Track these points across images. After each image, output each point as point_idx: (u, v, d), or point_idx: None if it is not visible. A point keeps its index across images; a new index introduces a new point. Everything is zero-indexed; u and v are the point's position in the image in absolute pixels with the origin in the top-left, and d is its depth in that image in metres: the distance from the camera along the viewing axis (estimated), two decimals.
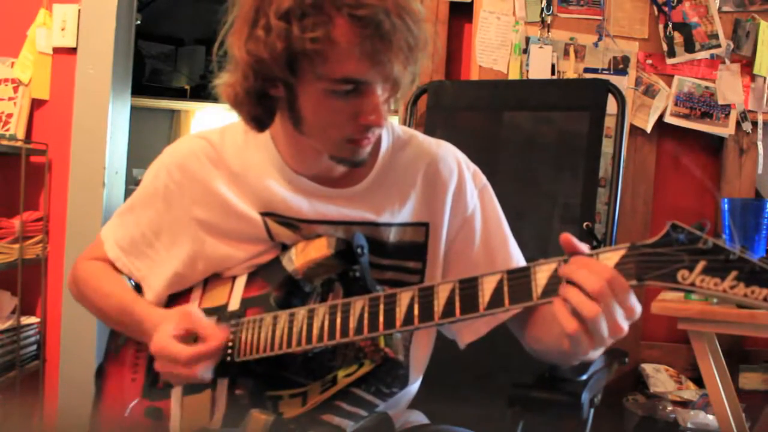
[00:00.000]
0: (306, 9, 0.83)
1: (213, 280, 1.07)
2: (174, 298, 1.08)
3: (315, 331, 0.92)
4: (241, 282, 1.04)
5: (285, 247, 1.03)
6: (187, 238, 1.06)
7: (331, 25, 0.83)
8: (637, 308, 0.77)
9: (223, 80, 0.95)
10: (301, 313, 0.95)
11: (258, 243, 1.04)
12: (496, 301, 0.82)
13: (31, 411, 2.27)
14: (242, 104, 0.94)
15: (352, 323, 0.90)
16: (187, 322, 0.96)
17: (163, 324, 0.96)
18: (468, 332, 1.08)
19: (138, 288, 1.11)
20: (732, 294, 0.70)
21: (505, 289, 0.82)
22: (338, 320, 0.91)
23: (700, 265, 0.72)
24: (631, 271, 0.76)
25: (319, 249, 0.97)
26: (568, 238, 0.80)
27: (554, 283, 0.79)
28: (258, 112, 0.95)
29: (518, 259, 1.09)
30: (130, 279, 1.12)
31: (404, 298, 0.87)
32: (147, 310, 1.04)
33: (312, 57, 0.85)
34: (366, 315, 0.89)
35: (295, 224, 1.02)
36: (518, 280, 0.82)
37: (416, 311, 0.86)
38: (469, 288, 0.84)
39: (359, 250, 0.97)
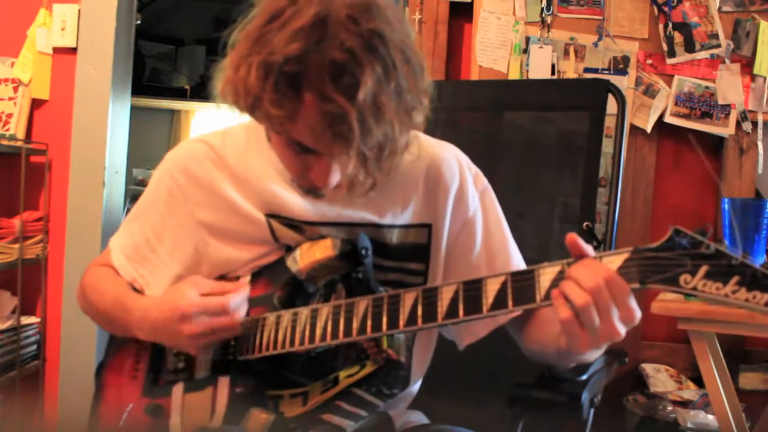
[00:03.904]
0: (282, 76, 0.81)
1: (216, 280, 1.07)
2: None
3: (318, 331, 0.92)
4: (244, 282, 1.04)
5: (289, 248, 1.03)
6: (191, 241, 1.06)
7: (299, 104, 0.81)
8: (636, 313, 0.77)
9: (222, 69, 0.93)
10: (304, 312, 0.95)
11: (262, 244, 1.04)
12: (499, 302, 0.82)
13: (31, 411, 2.27)
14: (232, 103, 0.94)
15: (356, 323, 0.90)
16: (206, 284, 0.98)
17: (185, 288, 0.96)
18: (467, 335, 1.08)
19: None
20: (734, 299, 0.71)
21: (509, 290, 0.82)
22: (342, 320, 0.91)
23: (703, 269, 0.72)
24: (634, 275, 0.76)
25: (323, 250, 0.97)
26: (573, 238, 0.80)
27: (557, 286, 0.79)
28: None
29: (518, 262, 1.09)
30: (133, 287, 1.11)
31: (408, 298, 0.88)
32: (138, 299, 1.04)
33: (272, 121, 0.85)
34: (369, 315, 0.89)
35: (298, 226, 1.03)
36: (522, 282, 0.82)
37: (420, 312, 0.86)
38: (473, 289, 0.84)
39: (364, 252, 0.97)
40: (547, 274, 0.81)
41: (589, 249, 0.81)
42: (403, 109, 0.85)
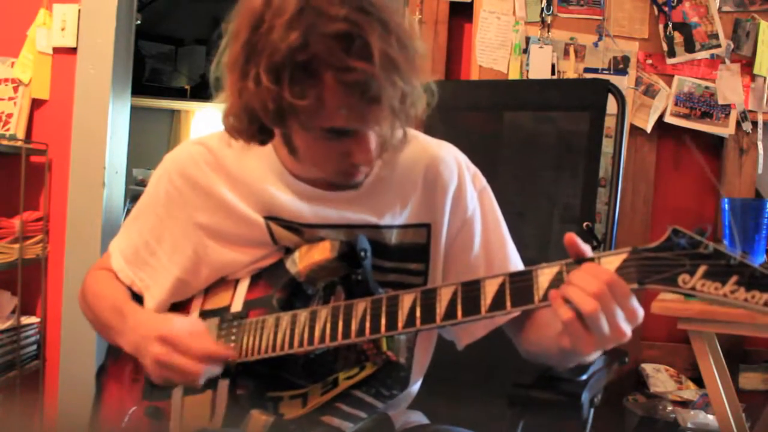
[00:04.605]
0: (295, 68, 0.81)
1: (216, 282, 1.07)
2: (176, 303, 1.08)
3: (317, 333, 0.92)
4: (244, 284, 1.04)
5: (288, 251, 1.03)
6: (189, 244, 1.06)
7: (321, 87, 0.82)
8: (639, 312, 0.77)
9: (221, 109, 0.95)
10: (303, 314, 0.95)
11: (261, 247, 1.04)
12: (498, 303, 0.82)
13: (31, 411, 2.27)
14: (241, 133, 0.95)
15: (354, 325, 0.90)
16: (201, 329, 0.97)
17: (178, 318, 0.96)
18: (465, 335, 1.08)
19: (140, 300, 1.09)
20: (732, 298, 0.71)
21: (507, 291, 0.82)
22: (340, 322, 0.91)
23: (701, 269, 0.72)
24: (633, 275, 0.76)
25: (322, 252, 0.97)
26: (572, 238, 0.80)
27: (556, 287, 0.79)
28: (257, 138, 0.95)
29: (516, 262, 1.09)
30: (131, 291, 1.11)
31: (406, 300, 0.88)
32: (135, 310, 1.03)
33: (300, 114, 0.85)
34: (368, 317, 0.89)
35: (297, 228, 1.03)
36: (520, 283, 0.82)
37: (418, 313, 0.86)
38: (471, 290, 0.84)
39: (362, 254, 0.97)
40: (545, 274, 0.81)
41: (587, 249, 0.81)
42: (409, 58, 0.86)
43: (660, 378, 2.23)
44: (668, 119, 2.30)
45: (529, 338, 1.03)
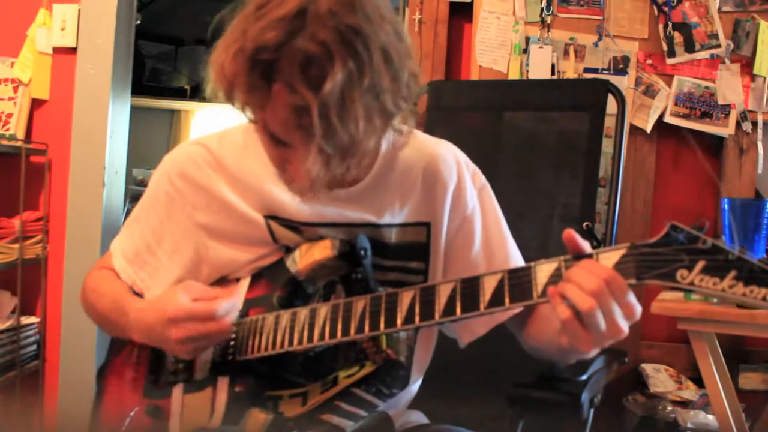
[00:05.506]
0: (256, 65, 0.80)
1: (216, 282, 1.07)
2: None
3: (317, 330, 0.92)
4: (244, 283, 1.04)
5: (288, 249, 1.03)
6: (190, 244, 1.06)
7: (268, 96, 0.81)
8: (637, 308, 0.77)
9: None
10: (303, 312, 0.95)
11: (262, 246, 1.04)
12: (496, 299, 0.82)
13: (31, 411, 2.27)
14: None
15: (354, 322, 0.90)
16: (199, 289, 0.96)
17: (177, 293, 0.94)
18: (466, 333, 1.08)
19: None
20: (731, 293, 0.71)
21: (506, 288, 0.82)
22: (340, 320, 0.91)
23: (700, 264, 0.72)
24: (631, 271, 0.76)
25: (322, 251, 0.97)
26: (571, 234, 0.80)
27: (554, 282, 0.80)
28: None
29: (517, 259, 1.09)
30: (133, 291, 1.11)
31: (405, 297, 0.88)
32: (135, 301, 1.03)
33: (245, 108, 0.86)
34: (367, 314, 0.89)
35: (297, 227, 1.03)
36: (519, 279, 0.82)
37: (417, 310, 0.86)
38: (470, 287, 0.85)
39: (362, 252, 0.97)
40: (543, 270, 0.81)
41: (586, 245, 0.81)
42: (377, 109, 0.83)
43: (660, 378, 2.23)
44: (668, 119, 2.30)
45: (531, 333, 1.03)
